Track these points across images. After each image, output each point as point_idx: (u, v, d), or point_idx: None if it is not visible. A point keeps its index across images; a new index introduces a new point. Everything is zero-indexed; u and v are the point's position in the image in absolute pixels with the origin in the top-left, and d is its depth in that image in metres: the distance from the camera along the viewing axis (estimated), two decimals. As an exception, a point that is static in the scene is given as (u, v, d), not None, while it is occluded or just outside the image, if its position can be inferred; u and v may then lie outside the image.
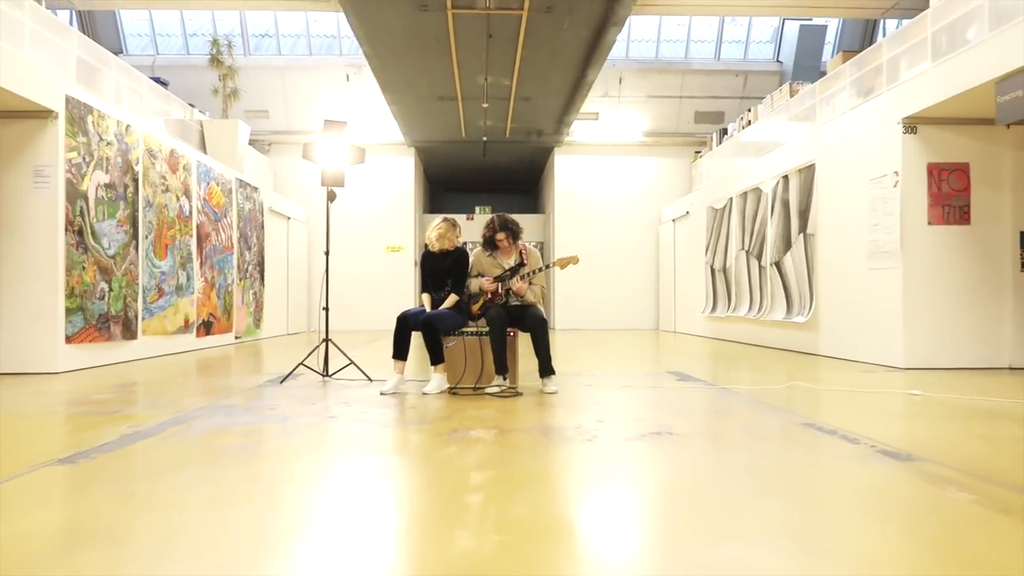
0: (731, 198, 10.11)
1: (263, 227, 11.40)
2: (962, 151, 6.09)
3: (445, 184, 18.78)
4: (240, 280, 10.31)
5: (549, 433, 3.19)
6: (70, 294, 6.08)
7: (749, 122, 11.14)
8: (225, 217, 9.78)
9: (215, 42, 10.80)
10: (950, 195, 6.10)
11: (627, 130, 14.26)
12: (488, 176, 17.42)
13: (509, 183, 18.43)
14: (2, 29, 5.75)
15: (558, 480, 2.50)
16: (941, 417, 3.68)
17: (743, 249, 9.65)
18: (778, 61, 13.65)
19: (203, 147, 10.41)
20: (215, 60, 10.76)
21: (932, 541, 1.79)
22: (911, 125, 6.08)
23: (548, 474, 2.56)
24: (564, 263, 4.70)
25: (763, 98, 10.93)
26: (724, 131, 12.55)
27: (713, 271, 10.85)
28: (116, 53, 12.47)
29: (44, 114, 5.93)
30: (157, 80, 9.49)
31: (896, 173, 6.16)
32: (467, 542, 1.73)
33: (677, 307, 13.01)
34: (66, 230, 6.04)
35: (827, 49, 13.36)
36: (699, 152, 13.91)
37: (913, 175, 6.11)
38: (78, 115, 6.25)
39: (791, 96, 9.60)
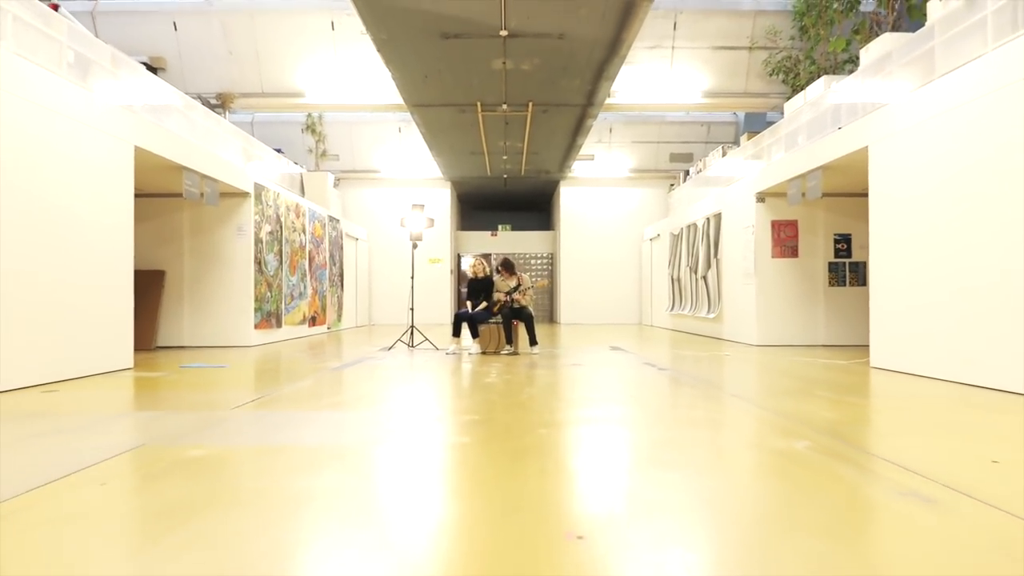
0: (682, 228, 13.97)
1: (342, 248, 15.55)
2: (793, 212, 9.93)
3: (474, 205, 22.86)
4: (330, 287, 14.45)
5: (529, 365, 7.20)
6: (255, 299, 10.23)
7: (700, 169, 15.00)
8: (322, 243, 13.93)
9: (309, 115, 14.94)
10: (786, 240, 9.95)
11: (617, 168, 18.18)
12: (508, 199, 21.50)
13: (525, 205, 22.48)
14: (206, 138, 9.94)
15: (526, 374, 6.48)
16: (716, 362, 7.59)
17: (688, 265, 13.52)
18: (734, 114, 17.42)
19: (302, 191, 14.60)
20: (310, 128, 14.91)
21: (651, 392, 5.79)
22: (761, 197, 9.95)
23: (523, 373, 6.54)
24: (540, 284, 8.75)
25: (721, 144, 14.74)
26: (687, 172, 16.41)
27: (672, 280, 14.71)
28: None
29: (243, 194, 10.08)
30: (278, 150, 13.69)
31: (752, 226, 10.03)
32: (488, 380, 5.78)
33: (653, 306, 16.90)
34: (253, 262, 10.19)
35: (773, 104, 17.05)
36: (673, 185, 17.78)
37: (762, 227, 9.97)
38: (258, 193, 10.40)
39: (723, 156, 13.48)
